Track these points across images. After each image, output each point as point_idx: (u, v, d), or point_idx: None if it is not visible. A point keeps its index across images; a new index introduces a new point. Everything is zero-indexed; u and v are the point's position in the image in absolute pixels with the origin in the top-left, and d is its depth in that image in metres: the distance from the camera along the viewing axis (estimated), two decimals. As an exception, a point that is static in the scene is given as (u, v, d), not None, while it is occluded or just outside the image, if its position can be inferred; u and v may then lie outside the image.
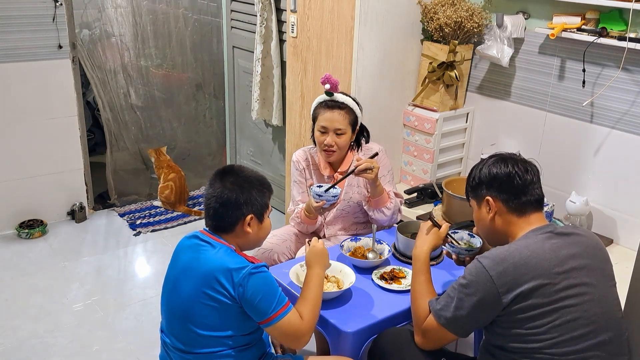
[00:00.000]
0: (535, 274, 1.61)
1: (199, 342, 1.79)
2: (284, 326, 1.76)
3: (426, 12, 3.07)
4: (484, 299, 1.64)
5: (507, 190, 1.76)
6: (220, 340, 1.79)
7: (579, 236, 1.73)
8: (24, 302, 3.10)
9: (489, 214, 1.79)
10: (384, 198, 2.46)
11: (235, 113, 4.52)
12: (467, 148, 3.34)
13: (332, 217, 2.61)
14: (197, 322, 1.78)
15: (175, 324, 1.84)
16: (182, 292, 1.81)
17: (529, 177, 1.76)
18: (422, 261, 1.94)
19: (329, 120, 2.45)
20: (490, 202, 1.78)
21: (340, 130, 2.45)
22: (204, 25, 4.38)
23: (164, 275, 1.94)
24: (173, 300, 1.85)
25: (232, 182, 1.84)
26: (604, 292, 1.68)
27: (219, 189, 1.83)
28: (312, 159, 2.62)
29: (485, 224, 1.82)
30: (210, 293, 1.75)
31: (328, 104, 2.47)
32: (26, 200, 3.77)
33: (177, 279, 1.85)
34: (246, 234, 1.85)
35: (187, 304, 1.79)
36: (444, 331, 1.73)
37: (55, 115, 3.72)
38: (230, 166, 1.95)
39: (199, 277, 1.77)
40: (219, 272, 1.74)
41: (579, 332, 1.61)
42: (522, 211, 1.75)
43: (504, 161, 1.80)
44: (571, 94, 2.80)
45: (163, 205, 4.22)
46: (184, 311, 1.80)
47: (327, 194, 2.36)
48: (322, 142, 2.48)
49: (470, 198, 1.89)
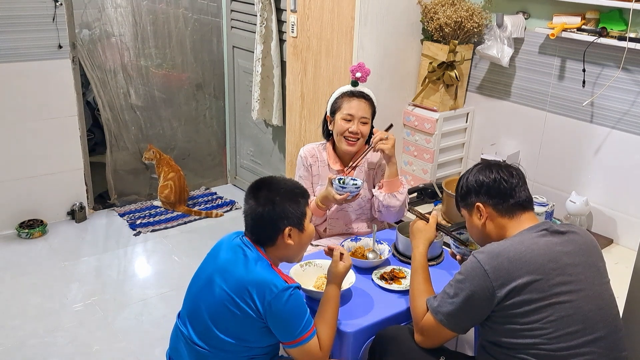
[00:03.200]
0: (530, 269, 1.63)
1: (217, 344, 1.79)
2: (305, 351, 1.76)
3: (426, 12, 3.07)
4: (479, 294, 1.65)
5: (495, 195, 1.80)
6: (237, 346, 1.78)
7: (573, 234, 1.75)
8: (24, 302, 3.10)
9: (481, 219, 1.82)
10: (397, 182, 2.46)
11: (235, 113, 4.52)
12: (467, 148, 3.34)
13: (335, 212, 2.60)
14: (220, 325, 1.78)
15: (199, 320, 1.83)
16: (214, 292, 1.79)
17: (515, 180, 1.81)
18: (418, 261, 1.96)
19: (356, 108, 2.47)
20: (481, 207, 1.82)
21: (365, 119, 2.48)
22: (204, 25, 4.38)
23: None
24: (204, 296, 1.83)
25: (265, 198, 1.81)
26: (599, 289, 1.69)
27: (253, 205, 1.82)
28: (320, 155, 2.62)
29: (478, 230, 1.85)
30: (238, 301, 1.74)
31: (355, 93, 2.50)
32: (26, 200, 3.77)
33: (213, 276, 1.83)
34: (288, 245, 1.83)
35: (217, 304, 1.78)
36: (442, 328, 1.74)
37: (55, 115, 3.72)
38: (261, 180, 1.90)
39: (232, 282, 1.76)
40: (252, 285, 1.73)
41: (574, 328, 1.62)
42: (512, 213, 1.79)
43: (489, 168, 1.84)
44: (571, 94, 2.80)
45: (163, 205, 4.22)
46: (212, 310, 1.79)
47: (350, 185, 2.37)
48: (346, 129, 2.47)
49: (461, 208, 1.92)
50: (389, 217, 2.53)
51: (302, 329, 1.74)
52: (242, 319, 1.75)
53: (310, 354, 1.77)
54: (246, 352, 1.80)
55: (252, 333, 1.77)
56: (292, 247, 1.85)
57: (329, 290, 1.88)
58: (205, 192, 4.58)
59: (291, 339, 1.75)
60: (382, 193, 2.46)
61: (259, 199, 1.81)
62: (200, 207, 4.29)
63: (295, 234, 1.83)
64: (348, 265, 1.92)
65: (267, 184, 1.86)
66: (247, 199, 1.84)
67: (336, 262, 1.91)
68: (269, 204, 1.80)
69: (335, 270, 1.90)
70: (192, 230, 3.96)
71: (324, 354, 1.79)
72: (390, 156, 2.42)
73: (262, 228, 1.82)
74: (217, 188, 4.66)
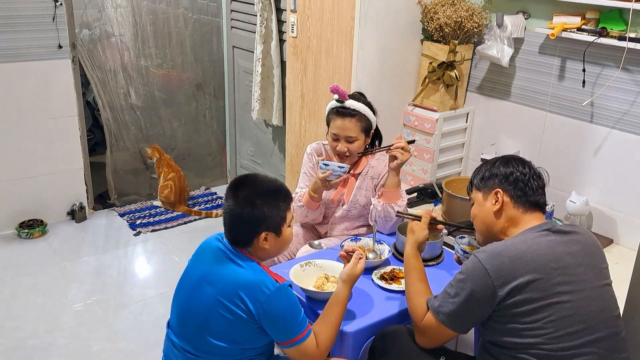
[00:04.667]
0: (531, 268, 1.62)
1: (210, 349, 1.76)
2: (301, 351, 1.74)
3: (426, 12, 3.07)
4: (480, 293, 1.65)
5: (519, 188, 1.78)
6: (231, 350, 1.76)
7: (576, 234, 1.74)
8: (24, 302, 3.10)
9: (494, 206, 1.80)
10: (397, 193, 2.45)
11: (235, 113, 4.52)
12: (467, 148, 3.34)
13: (338, 217, 2.60)
14: (212, 331, 1.74)
15: (189, 327, 1.79)
16: (202, 298, 1.75)
17: (541, 182, 1.82)
18: (408, 262, 1.95)
19: (340, 128, 2.44)
20: (500, 194, 1.79)
21: (351, 138, 2.44)
22: (204, 25, 4.38)
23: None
24: (191, 303, 1.79)
25: (245, 198, 1.75)
26: (600, 290, 1.68)
27: (232, 204, 1.76)
28: (326, 154, 2.62)
29: (486, 217, 1.82)
30: (229, 305, 1.70)
31: (339, 111, 2.45)
32: (26, 200, 3.77)
33: (199, 282, 1.78)
34: (263, 248, 1.80)
35: (206, 311, 1.74)
36: (443, 328, 1.74)
37: (55, 115, 3.72)
38: (244, 177, 1.84)
39: (220, 287, 1.72)
40: (242, 288, 1.69)
41: (575, 328, 1.62)
42: (526, 209, 1.78)
43: (521, 162, 1.84)
44: (571, 94, 2.80)
45: (163, 205, 4.22)
46: (201, 318, 1.75)
47: (334, 164, 2.37)
48: (335, 147, 2.48)
49: (475, 190, 1.88)
50: (385, 228, 2.50)
51: (298, 328, 1.72)
52: (235, 322, 1.71)
53: (307, 353, 1.74)
54: (240, 354, 1.77)
55: (246, 335, 1.74)
56: (267, 250, 1.81)
57: (341, 291, 1.85)
58: (205, 192, 4.58)
59: (287, 339, 1.72)
60: (380, 203, 2.45)
61: (238, 198, 1.75)
62: (200, 207, 4.29)
63: (271, 238, 1.79)
64: (360, 270, 1.90)
65: (249, 183, 1.80)
66: (227, 197, 1.78)
67: (355, 263, 1.89)
68: (248, 205, 1.74)
69: (351, 272, 1.87)
70: (192, 230, 3.96)
71: (320, 353, 1.77)
72: (398, 167, 2.40)
73: (238, 229, 1.77)
74: (217, 188, 4.66)
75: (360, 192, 2.56)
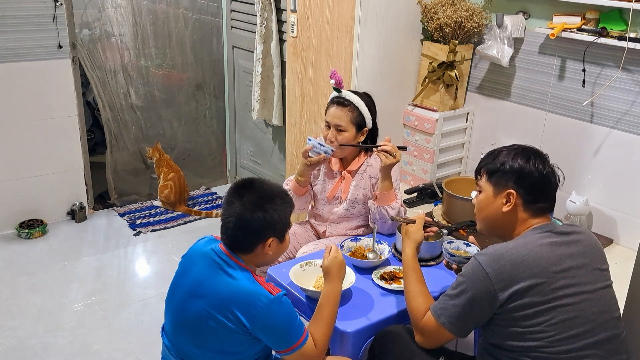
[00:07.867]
0: (532, 272, 1.61)
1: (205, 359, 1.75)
2: (300, 355, 1.72)
3: (426, 12, 3.07)
4: (481, 296, 1.64)
5: (534, 193, 1.74)
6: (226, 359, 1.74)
7: (578, 235, 1.74)
8: (24, 302, 3.10)
9: (505, 206, 1.75)
10: (390, 196, 2.45)
11: (235, 113, 4.52)
12: (467, 148, 3.34)
13: (337, 217, 2.61)
14: (204, 343, 1.71)
15: (181, 336, 1.77)
16: (193, 310, 1.71)
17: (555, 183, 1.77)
18: (407, 263, 1.95)
19: (332, 115, 2.49)
20: (513, 196, 1.74)
21: (340, 127, 2.46)
22: (204, 25, 4.38)
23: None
24: (182, 315, 1.75)
25: (253, 203, 1.69)
26: (601, 292, 1.68)
27: (238, 209, 1.68)
28: None
29: (493, 213, 1.78)
30: (221, 319, 1.66)
31: (334, 100, 2.51)
32: (26, 200, 3.77)
33: (189, 293, 1.74)
34: (265, 255, 1.76)
35: (197, 322, 1.70)
36: (443, 330, 1.73)
37: (55, 115, 3.72)
38: (249, 181, 1.77)
39: (211, 299, 1.68)
40: (234, 302, 1.65)
41: (576, 331, 1.61)
42: (535, 213, 1.75)
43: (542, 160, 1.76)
44: (571, 94, 2.80)
45: (163, 205, 4.22)
46: (193, 329, 1.72)
47: (316, 140, 2.39)
48: (325, 136, 2.51)
49: (486, 178, 1.81)
50: (383, 229, 2.52)
51: (295, 335, 1.70)
52: (227, 335, 1.68)
53: (307, 355, 1.73)
54: None
55: (240, 345, 1.72)
56: (268, 257, 1.78)
57: (325, 287, 1.86)
58: (205, 192, 4.58)
59: (286, 347, 1.70)
60: (374, 205, 2.47)
61: (245, 202, 1.69)
62: (200, 207, 4.29)
63: (275, 244, 1.75)
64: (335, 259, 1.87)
65: (255, 186, 1.74)
66: (231, 200, 1.70)
67: (324, 258, 1.89)
68: (258, 209, 1.68)
69: (325, 266, 1.88)
70: (192, 230, 3.96)
71: (319, 352, 1.76)
72: (385, 170, 2.39)
73: (244, 235, 1.71)
74: (217, 188, 4.66)
75: (358, 190, 2.56)
